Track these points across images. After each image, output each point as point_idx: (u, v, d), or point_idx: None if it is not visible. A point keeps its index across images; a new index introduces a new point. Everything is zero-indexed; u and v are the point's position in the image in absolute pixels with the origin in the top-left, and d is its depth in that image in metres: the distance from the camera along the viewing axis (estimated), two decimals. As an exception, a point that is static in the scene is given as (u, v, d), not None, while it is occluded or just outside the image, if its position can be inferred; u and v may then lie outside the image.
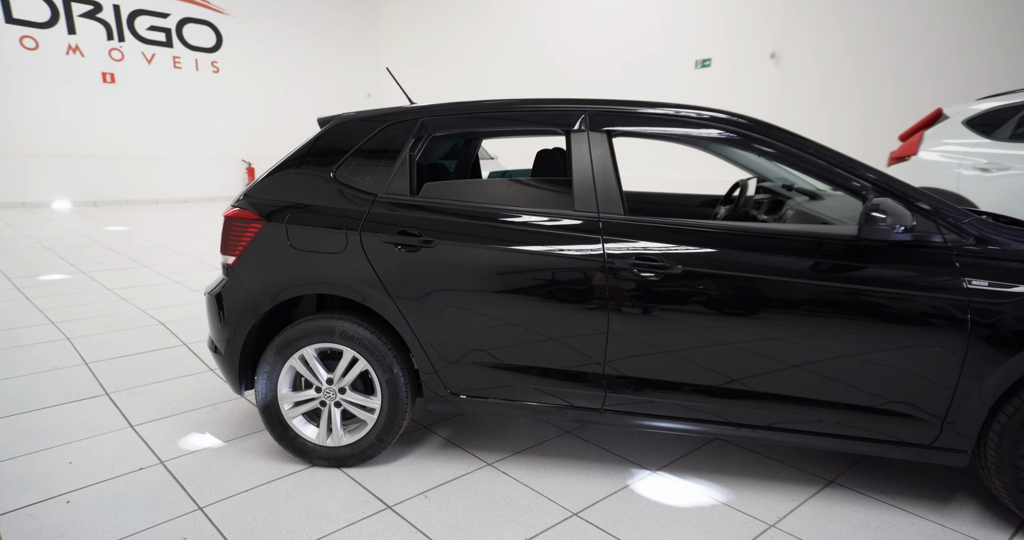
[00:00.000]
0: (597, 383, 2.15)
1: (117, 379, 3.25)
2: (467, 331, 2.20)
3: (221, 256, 2.42)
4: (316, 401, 2.37)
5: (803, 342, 1.95)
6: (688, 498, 2.20)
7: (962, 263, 1.84)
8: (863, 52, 8.39)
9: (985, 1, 7.23)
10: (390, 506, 2.13)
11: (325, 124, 2.49)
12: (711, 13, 10.02)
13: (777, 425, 2.06)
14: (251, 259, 2.33)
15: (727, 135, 2.11)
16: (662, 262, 2.02)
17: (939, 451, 1.95)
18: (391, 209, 2.26)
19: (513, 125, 2.35)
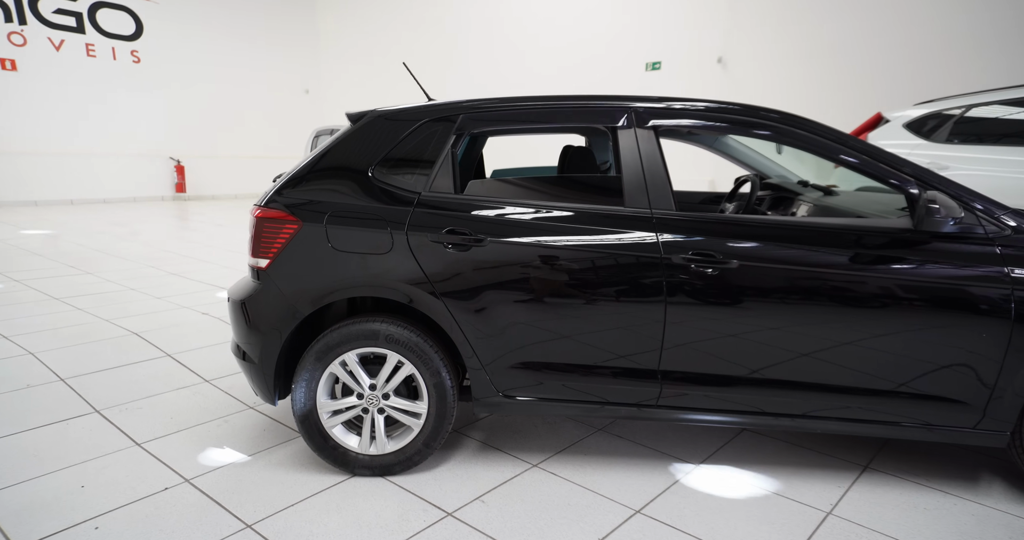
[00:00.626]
0: (652, 378, 2.19)
1: (104, 395, 3.03)
2: (519, 330, 2.19)
3: (251, 259, 2.30)
4: (358, 408, 2.29)
5: (857, 332, 2.05)
6: (739, 489, 2.27)
7: (1004, 253, 1.98)
8: (805, 59, 8.86)
9: (918, 15, 7.77)
10: (450, 513, 2.10)
11: (355, 119, 2.41)
12: (662, 19, 10.35)
13: (825, 414, 2.15)
14: (288, 262, 2.23)
15: (770, 130, 2.19)
16: (719, 257, 2.07)
17: (980, 433, 2.09)
18: (437, 208, 2.22)
19: (555, 122, 2.35)
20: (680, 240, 2.10)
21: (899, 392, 2.09)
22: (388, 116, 2.36)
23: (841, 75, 8.56)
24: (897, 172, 2.07)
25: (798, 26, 8.87)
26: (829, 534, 1.99)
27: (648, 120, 2.23)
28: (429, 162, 2.28)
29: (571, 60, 11.61)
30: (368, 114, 2.39)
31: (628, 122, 2.24)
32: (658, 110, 2.25)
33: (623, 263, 2.12)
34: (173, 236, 8.61)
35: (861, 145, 2.13)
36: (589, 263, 2.13)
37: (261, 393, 2.35)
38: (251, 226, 2.31)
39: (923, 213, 1.95)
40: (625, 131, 2.24)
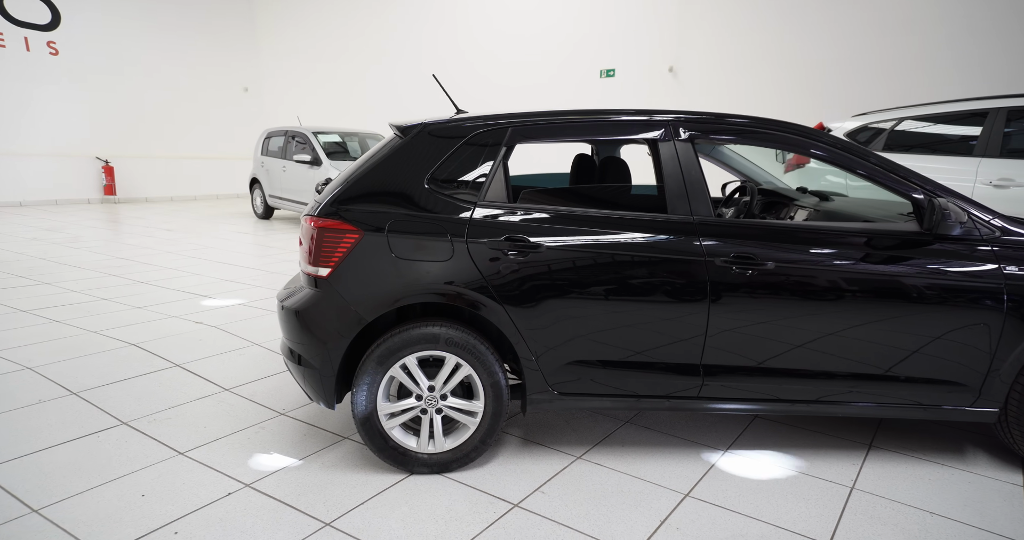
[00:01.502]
0: (695, 372, 2.43)
1: (125, 407, 3.03)
2: (572, 331, 2.38)
3: (310, 267, 2.40)
4: (416, 409, 2.43)
5: (876, 325, 2.35)
6: (770, 471, 2.54)
7: (997, 253, 2.33)
8: (751, 69, 9.46)
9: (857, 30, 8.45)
10: (516, 504, 2.26)
11: (405, 131, 2.54)
12: (615, 28, 10.77)
13: (835, 398, 2.45)
14: (350, 270, 2.34)
15: (802, 145, 2.47)
16: (757, 259, 2.33)
17: (975, 411, 2.44)
18: (493, 216, 2.38)
19: (599, 134, 2.56)
20: (721, 244, 2.35)
21: (906, 377, 2.41)
22: (440, 129, 2.50)
23: (786, 85, 9.18)
24: (908, 182, 2.39)
25: (744, 38, 9.45)
26: (858, 506, 2.28)
27: (687, 132, 2.47)
28: (482, 173, 2.44)
29: (524, 64, 11.88)
30: (419, 127, 2.53)
31: (668, 134, 2.47)
32: (697, 123, 2.49)
33: (669, 266, 2.34)
34: (121, 243, 8.31)
35: (877, 158, 2.44)
36: (638, 266, 2.35)
37: (319, 397, 2.45)
38: (308, 236, 2.41)
39: (938, 218, 2.26)
40: (665, 143, 2.47)
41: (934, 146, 5.40)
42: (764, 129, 2.50)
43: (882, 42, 8.27)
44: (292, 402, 3.12)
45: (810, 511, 2.24)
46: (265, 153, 10.93)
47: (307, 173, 9.42)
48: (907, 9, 8.02)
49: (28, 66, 13.42)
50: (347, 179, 2.50)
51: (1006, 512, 2.25)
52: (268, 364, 3.63)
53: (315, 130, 9.84)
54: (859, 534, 2.10)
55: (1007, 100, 4.97)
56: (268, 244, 8.29)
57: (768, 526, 2.14)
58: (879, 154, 2.48)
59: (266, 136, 11.08)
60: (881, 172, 2.42)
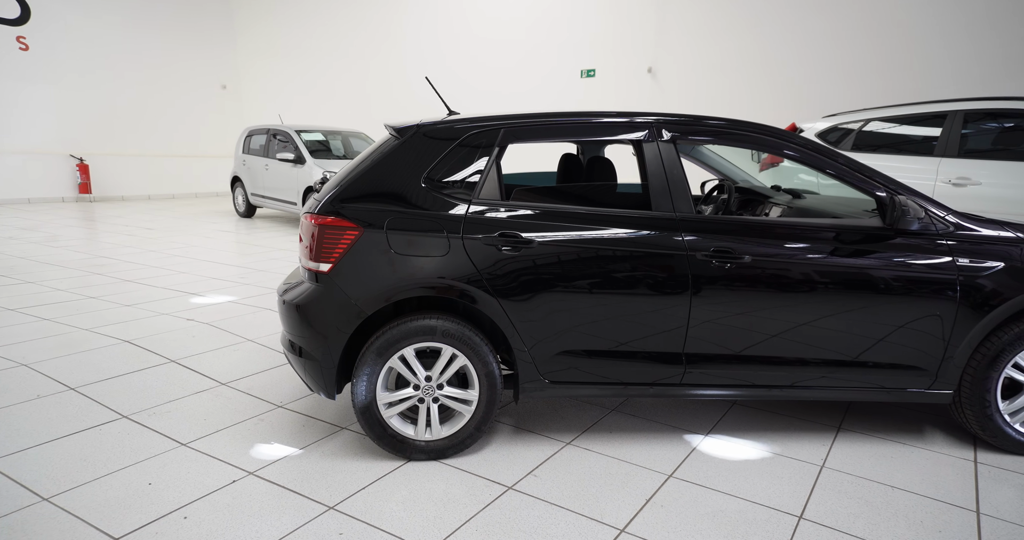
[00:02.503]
0: (677, 360, 2.57)
1: (124, 401, 3.08)
2: (563, 323, 2.51)
3: (311, 263, 2.49)
4: (414, 399, 2.53)
5: (844, 314, 2.52)
6: (747, 452, 2.70)
7: (951, 246, 2.51)
8: (728, 71, 9.68)
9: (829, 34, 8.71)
10: (510, 487, 2.39)
11: (401, 132, 2.64)
12: (595, 28, 10.93)
13: (808, 384, 2.61)
14: (351, 265, 2.44)
15: (776, 146, 2.62)
16: (735, 253, 2.48)
17: (932, 393, 2.62)
18: (487, 213, 2.50)
19: (587, 135, 2.69)
20: (701, 239, 2.49)
21: (873, 363, 2.58)
22: (435, 130, 2.61)
23: (760, 86, 9.41)
24: (872, 181, 2.56)
25: (722, 39, 9.66)
26: (827, 482, 2.45)
27: (669, 133, 2.61)
28: (475, 172, 2.55)
29: (506, 65, 11.98)
30: (414, 128, 2.63)
31: (652, 135, 2.61)
32: (679, 125, 2.63)
33: (653, 260, 2.48)
34: (101, 241, 8.24)
35: (844, 159, 2.60)
36: (624, 260, 2.48)
37: (319, 388, 2.54)
38: (308, 233, 2.50)
39: (898, 214, 2.43)
40: (649, 143, 2.61)
41: (899, 146, 5.64)
42: (742, 131, 2.65)
43: (853, 45, 8.54)
44: (289, 395, 3.20)
45: (783, 488, 2.40)
46: (247, 151, 10.88)
47: (290, 172, 9.42)
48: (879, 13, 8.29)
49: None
50: (346, 178, 2.60)
51: (958, 484, 2.44)
52: (262, 359, 3.71)
53: (298, 128, 9.84)
54: (827, 507, 2.27)
55: (964, 103, 5.22)
56: (252, 242, 8.29)
57: (745, 502, 2.29)
58: (846, 154, 2.64)
59: (247, 134, 11.04)
60: (847, 171, 2.58)
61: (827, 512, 2.23)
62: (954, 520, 2.20)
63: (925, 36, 7.96)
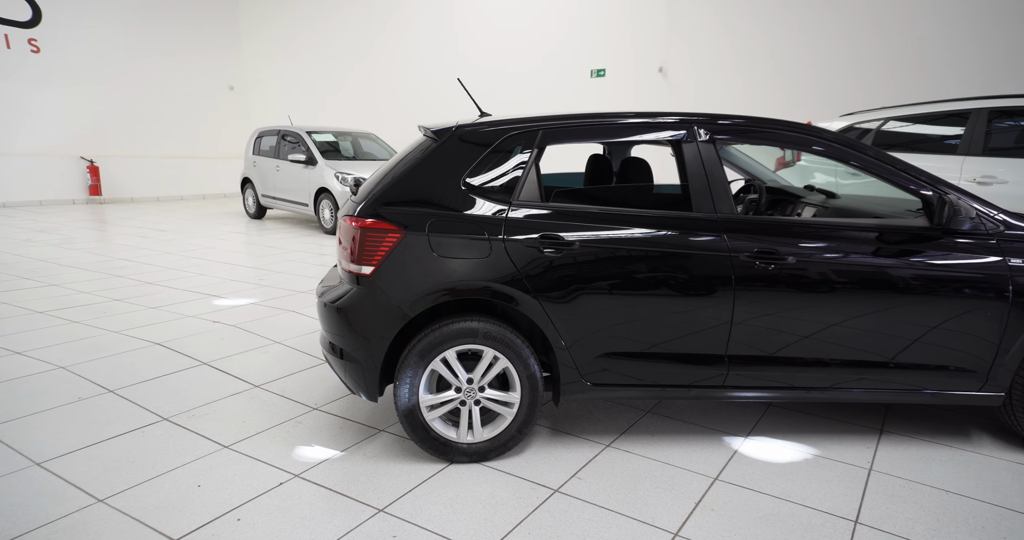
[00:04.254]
0: (720, 362, 2.60)
1: (163, 404, 3.14)
2: (605, 324, 2.54)
3: (353, 266, 2.54)
4: (455, 401, 2.58)
5: (891, 316, 2.54)
6: (790, 455, 2.72)
7: (1003, 246, 2.53)
8: (740, 69, 9.69)
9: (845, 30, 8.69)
10: (557, 490, 2.42)
11: (439, 134, 2.68)
12: (605, 29, 10.95)
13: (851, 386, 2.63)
14: (393, 268, 2.48)
15: (822, 147, 2.65)
16: (779, 254, 2.51)
17: (983, 395, 2.64)
18: (528, 215, 2.54)
19: (624, 136, 2.72)
20: (744, 240, 2.52)
21: (920, 364, 2.60)
22: (473, 132, 2.65)
23: (774, 84, 9.40)
24: (919, 180, 2.58)
25: (732, 38, 9.67)
26: (878, 485, 2.47)
27: (708, 133, 2.64)
28: (515, 174, 2.59)
29: (518, 66, 12.01)
30: (452, 129, 2.67)
31: (691, 136, 2.64)
32: (718, 125, 2.66)
33: (696, 261, 2.51)
34: (117, 244, 8.35)
35: (892, 159, 2.62)
36: (667, 261, 2.51)
37: (361, 390, 2.59)
38: (349, 235, 2.55)
39: (948, 214, 2.45)
40: (689, 144, 2.64)
41: (919, 145, 5.65)
42: (783, 130, 2.68)
43: (871, 43, 8.52)
44: (323, 397, 3.25)
45: (833, 491, 2.42)
46: (257, 153, 10.98)
47: (301, 173, 9.50)
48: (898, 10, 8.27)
49: (9, 64, 13.32)
50: (384, 180, 2.64)
51: (1017, 489, 2.45)
52: (292, 361, 3.76)
53: (309, 129, 9.92)
54: (882, 511, 2.29)
55: (988, 101, 5.22)
56: (266, 244, 8.37)
57: (797, 506, 2.32)
58: (889, 154, 2.66)
59: (258, 135, 11.14)
60: (894, 171, 2.60)
61: (883, 517, 2.25)
62: (1018, 527, 2.21)
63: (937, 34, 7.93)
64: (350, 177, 8.76)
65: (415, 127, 2.94)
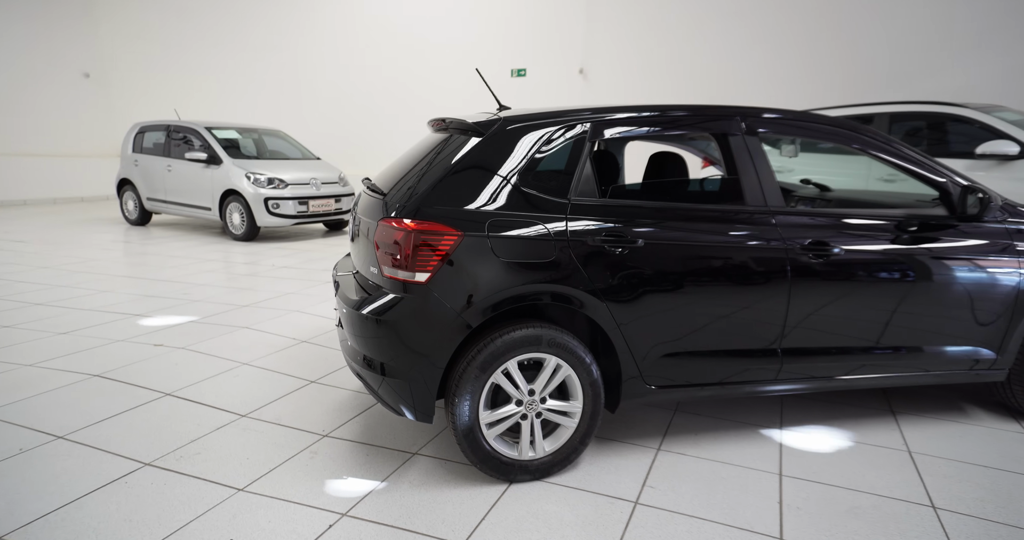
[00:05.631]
0: (775, 356, 2.62)
1: (136, 447, 2.67)
2: (669, 323, 2.47)
3: (402, 273, 2.28)
4: (517, 415, 2.40)
5: (928, 301, 2.68)
6: (831, 443, 2.80)
7: (1011, 233, 2.75)
8: (658, 75, 10.08)
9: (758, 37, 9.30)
10: (636, 502, 2.32)
11: (483, 127, 2.47)
12: (527, 29, 10.96)
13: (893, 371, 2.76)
14: (451, 274, 2.26)
15: (851, 140, 2.74)
16: (828, 245, 2.57)
17: (994, 372, 2.86)
18: (587, 213, 2.41)
19: (676, 128, 2.66)
20: (798, 232, 2.55)
21: (950, 346, 2.77)
22: (522, 125, 2.47)
23: (691, 88, 9.87)
24: (945, 172, 2.74)
25: (648, 43, 10.04)
26: (927, 467, 2.59)
27: (756, 127, 2.65)
28: (569, 169, 2.45)
29: (436, 63, 11.72)
30: (499, 123, 2.48)
31: (739, 128, 2.63)
32: (764, 118, 2.67)
33: (755, 254, 2.51)
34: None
35: (916, 151, 2.77)
36: (728, 256, 2.49)
37: (410, 410, 2.33)
38: (393, 239, 2.29)
39: (982, 205, 2.62)
40: (735, 137, 2.63)
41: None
42: (823, 125, 2.74)
43: (782, 49, 9.16)
44: (327, 422, 2.93)
45: (894, 477, 2.51)
46: (138, 150, 9.86)
47: (202, 173, 8.65)
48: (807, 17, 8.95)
49: None
50: (424, 178, 2.41)
51: (1038, 457, 2.67)
52: (271, 384, 3.36)
53: (208, 125, 9.06)
54: (950, 494, 2.39)
55: (888, 106, 5.81)
56: (167, 254, 7.50)
57: (872, 496, 2.37)
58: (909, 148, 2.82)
59: (138, 131, 10.00)
60: (921, 163, 2.75)
61: (953, 499, 2.35)
62: (1054, 491, 2.40)
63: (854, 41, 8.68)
64: (263, 177, 8.09)
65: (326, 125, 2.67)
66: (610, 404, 2.58)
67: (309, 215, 8.47)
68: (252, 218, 8.17)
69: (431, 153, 2.59)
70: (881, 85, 8.34)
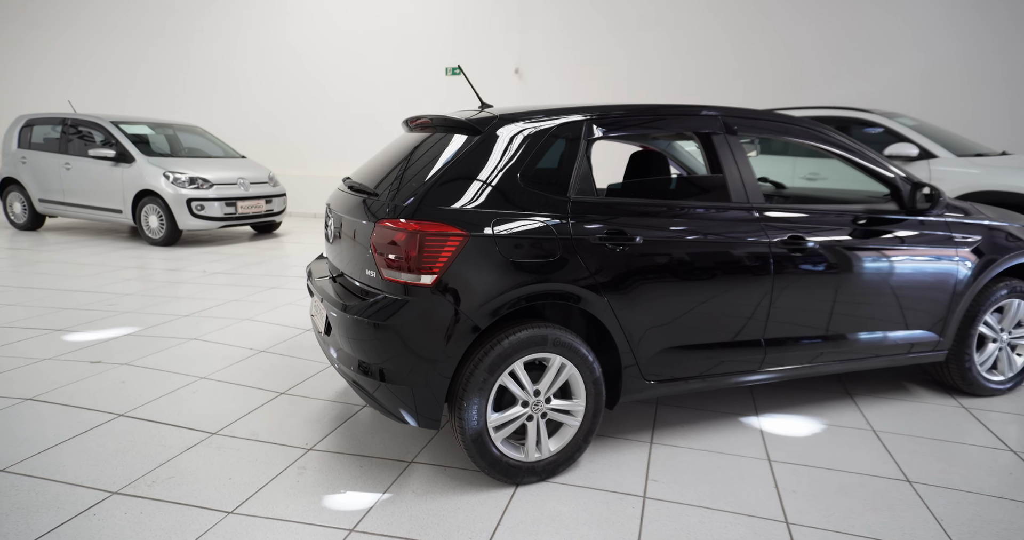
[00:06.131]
0: (758, 346, 2.74)
1: (99, 474, 2.43)
2: (667, 319, 2.53)
3: (407, 275, 2.20)
4: (522, 417, 2.38)
5: (891, 289, 2.90)
6: (806, 427, 2.96)
7: (949, 225, 3.02)
8: (592, 76, 10.28)
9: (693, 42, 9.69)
10: (645, 496, 2.36)
11: (480, 125, 2.43)
12: (462, 28, 10.85)
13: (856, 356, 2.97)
14: (458, 275, 2.20)
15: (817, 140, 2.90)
16: (807, 241, 2.71)
17: (937, 353, 3.12)
18: (589, 211, 2.42)
19: (667, 127, 2.71)
20: (777, 227, 2.68)
21: (906, 331, 3.00)
22: (520, 123, 2.45)
23: (624, 89, 10.13)
24: (883, 170, 2.97)
25: (582, 44, 10.21)
26: (894, 445, 2.79)
27: (734, 127, 2.76)
28: (567, 167, 2.45)
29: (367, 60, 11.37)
30: (496, 120, 2.45)
31: (720, 128, 2.73)
32: (739, 117, 2.79)
33: (745, 249, 2.61)
34: None
35: (873, 151, 2.98)
36: (722, 252, 2.58)
37: (414, 416, 2.26)
38: (393, 239, 2.21)
39: (920, 199, 2.88)
40: (718, 137, 2.73)
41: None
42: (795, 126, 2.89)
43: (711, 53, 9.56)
44: (308, 434, 2.79)
45: (868, 455, 2.69)
46: (25, 146, 8.96)
47: (110, 172, 7.99)
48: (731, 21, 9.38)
49: None
50: (420, 178, 2.35)
51: (981, 430, 2.96)
52: (236, 398, 3.16)
53: (115, 119, 8.37)
54: (921, 469, 2.59)
55: (810, 111, 6.23)
56: (72, 261, 6.87)
57: (856, 475, 2.52)
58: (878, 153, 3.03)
59: (24, 124, 9.09)
60: (878, 162, 2.97)
61: (923, 472, 2.55)
62: (1011, 462, 2.64)
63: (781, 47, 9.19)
64: (184, 177, 7.58)
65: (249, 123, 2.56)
66: (609, 401, 2.60)
67: (238, 217, 8.01)
68: (173, 221, 7.63)
69: (421, 151, 2.52)
70: (808, 88, 8.88)
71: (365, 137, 11.23)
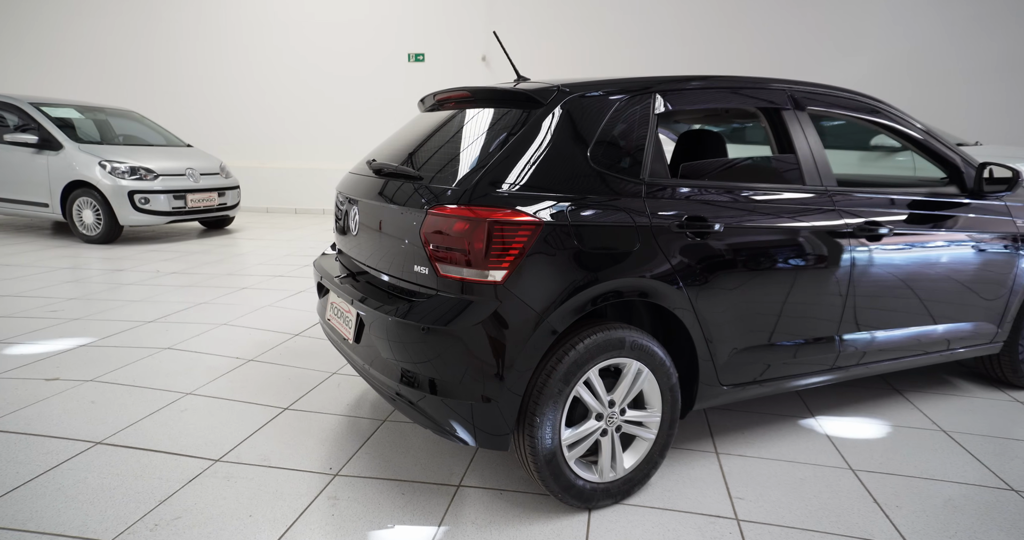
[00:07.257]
0: (832, 343, 2.58)
1: (84, 520, 2.05)
2: (743, 315, 2.33)
3: (471, 271, 1.91)
4: (597, 432, 2.14)
5: (962, 280, 2.80)
6: (874, 430, 2.83)
7: (1009, 209, 2.94)
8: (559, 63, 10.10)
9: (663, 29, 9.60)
10: (737, 518, 2.15)
11: (540, 96, 2.16)
12: (424, 13, 10.46)
13: (926, 350, 2.86)
14: (533, 270, 1.93)
15: (882, 116, 2.76)
16: (882, 226, 2.57)
17: (992, 344, 3.05)
18: (665, 196, 2.19)
19: (740, 101, 2.49)
20: (854, 213, 2.53)
21: (972, 323, 2.91)
22: (586, 96, 2.19)
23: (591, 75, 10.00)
24: (956, 152, 2.86)
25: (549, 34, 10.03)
26: (974, 447, 2.69)
27: (805, 103, 2.58)
28: (638, 145, 2.21)
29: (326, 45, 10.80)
30: (555, 91, 2.18)
31: (791, 103, 2.55)
32: (810, 93, 2.62)
33: (826, 238, 2.45)
34: None
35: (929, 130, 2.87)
36: (801, 239, 2.39)
37: (476, 436, 1.98)
38: (459, 231, 1.92)
39: (1011, 183, 2.77)
40: (788, 112, 2.55)
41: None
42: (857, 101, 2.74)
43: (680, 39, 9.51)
44: (329, 458, 2.47)
45: (953, 461, 2.56)
46: (-70, 132, 8.10)
47: (32, 161, 7.26)
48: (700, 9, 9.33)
49: None
50: (475, 158, 2.07)
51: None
52: (235, 417, 2.79)
53: (35, 101, 7.62)
54: (1018, 474, 2.48)
55: None
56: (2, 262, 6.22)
57: (957, 485, 2.38)
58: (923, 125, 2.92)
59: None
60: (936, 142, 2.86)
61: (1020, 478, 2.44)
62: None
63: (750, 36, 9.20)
64: (124, 166, 6.95)
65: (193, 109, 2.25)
66: (682, 410, 2.39)
67: (188, 211, 7.42)
68: (112, 216, 6.99)
69: (462, 129, 2.25)
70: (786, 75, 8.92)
71: (321, 126, 10.75)
